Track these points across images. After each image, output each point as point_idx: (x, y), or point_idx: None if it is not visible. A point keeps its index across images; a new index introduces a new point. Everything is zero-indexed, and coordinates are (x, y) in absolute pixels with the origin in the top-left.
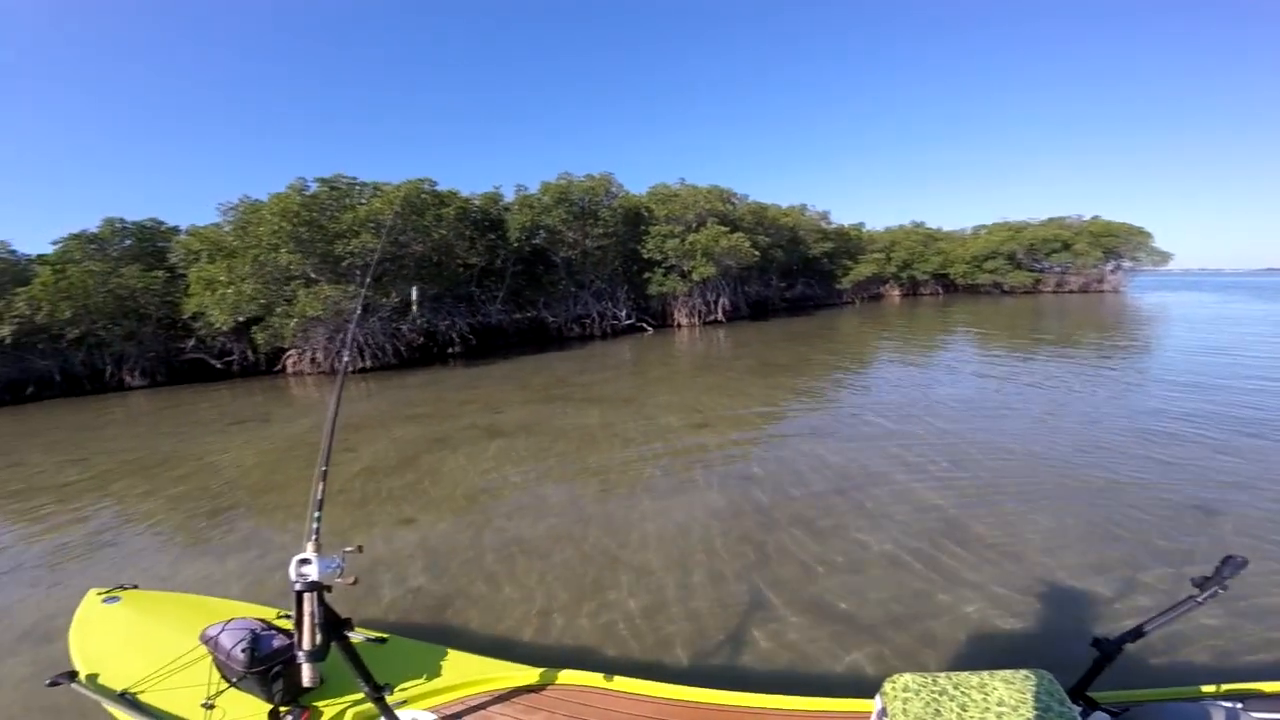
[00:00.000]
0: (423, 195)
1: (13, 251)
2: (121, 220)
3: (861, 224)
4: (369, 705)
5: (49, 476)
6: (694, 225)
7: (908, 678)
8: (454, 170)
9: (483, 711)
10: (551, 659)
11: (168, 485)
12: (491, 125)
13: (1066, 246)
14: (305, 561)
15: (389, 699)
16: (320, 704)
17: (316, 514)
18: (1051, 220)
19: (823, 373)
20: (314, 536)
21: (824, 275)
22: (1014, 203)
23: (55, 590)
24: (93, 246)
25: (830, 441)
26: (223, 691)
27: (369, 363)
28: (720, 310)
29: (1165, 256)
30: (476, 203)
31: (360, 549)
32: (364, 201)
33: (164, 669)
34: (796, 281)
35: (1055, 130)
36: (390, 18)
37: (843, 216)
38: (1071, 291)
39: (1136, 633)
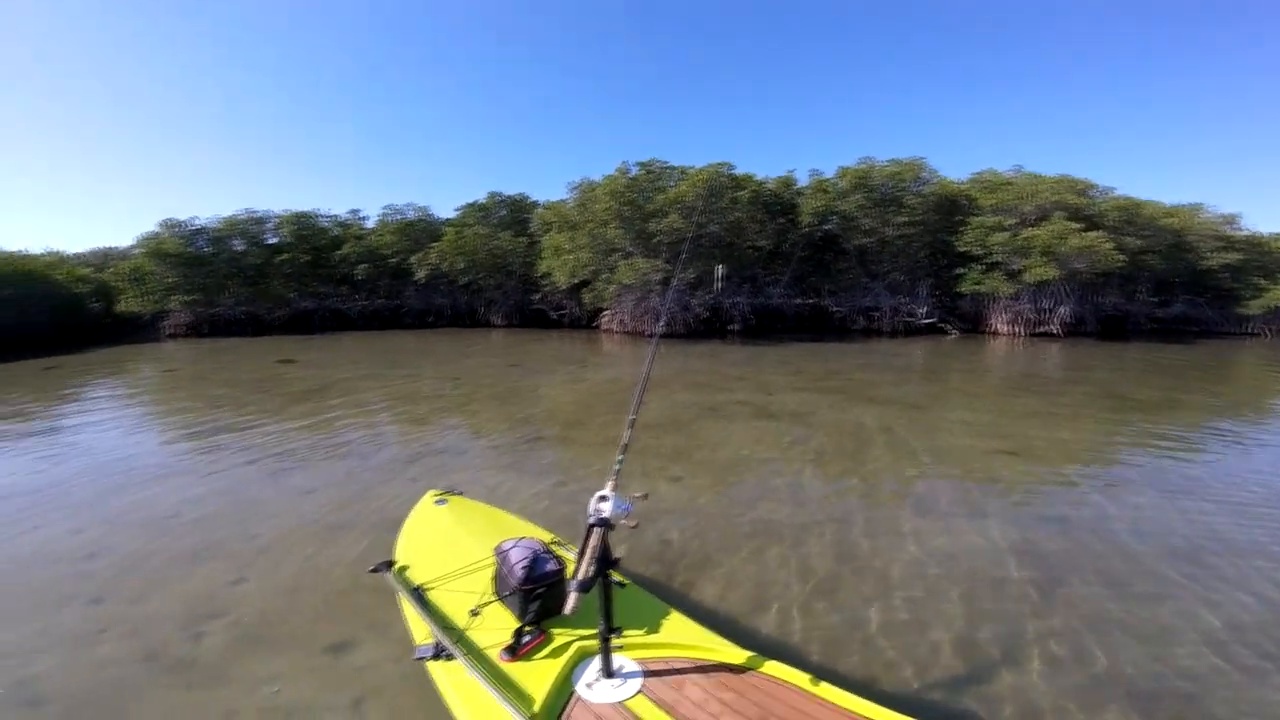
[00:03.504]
0: (721, 179)
1: (431, 215)
2: (500, 194)
3: None
4: (592, 643)
5: (433, 389)
6: (1032, 219)
7: None
8: (746, 154)
9: (680, 676)
10: (764, 646)
11: (509, 409)
12: (785, 110)
13: None
14: (604, 499)
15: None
16: (554, 631)
17: (620, 457)
18: None
19: (1195, 419)
20: (615, 477)
21: (1220, 295)
22: None
23: (410, 485)
24: (480, 214)
25: (1182, 501)
26: (490, 603)
27: (663, 329)
28: (1057, 322)
29: None
30: (770, 186)
31: (645, 496)
32: (672, 184)
33: (455, 572)
34: (1175, 299)
35: None
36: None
37: (1260, 222)
38: None
39: None
